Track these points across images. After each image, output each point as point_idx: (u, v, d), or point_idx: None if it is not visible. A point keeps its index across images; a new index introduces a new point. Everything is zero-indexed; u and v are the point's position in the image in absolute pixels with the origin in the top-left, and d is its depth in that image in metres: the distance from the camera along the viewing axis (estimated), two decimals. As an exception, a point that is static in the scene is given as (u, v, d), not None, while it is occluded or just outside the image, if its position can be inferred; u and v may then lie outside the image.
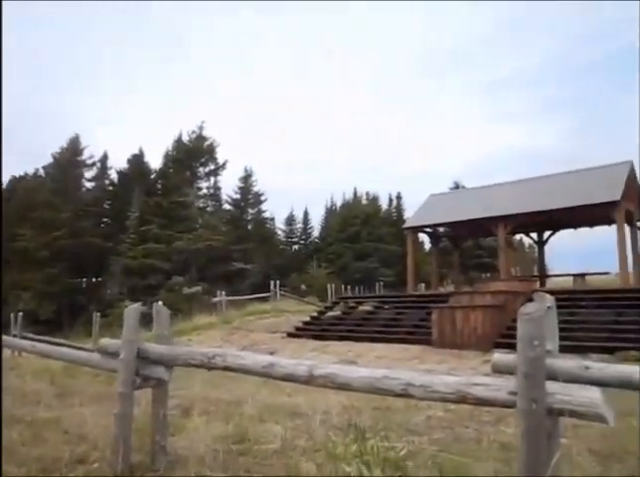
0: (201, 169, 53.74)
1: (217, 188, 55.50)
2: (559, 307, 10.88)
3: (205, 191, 55.08)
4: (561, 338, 10.29)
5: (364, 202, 64.15)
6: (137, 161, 52.54)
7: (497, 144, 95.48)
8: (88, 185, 51.42)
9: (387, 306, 19.11)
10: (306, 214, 62.38)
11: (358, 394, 4.52)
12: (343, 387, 2.99)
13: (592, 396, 2.26)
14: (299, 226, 62.58)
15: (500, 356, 2.65)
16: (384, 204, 65.29)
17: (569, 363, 2.42)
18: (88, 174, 51.45)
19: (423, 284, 31.15)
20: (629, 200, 18.48)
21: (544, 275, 25.26)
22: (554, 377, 2.35)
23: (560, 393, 2.32)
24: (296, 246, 62.21)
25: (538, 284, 22.45)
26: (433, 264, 25.66)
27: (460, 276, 30.05)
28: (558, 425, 2.46)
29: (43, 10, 73.70)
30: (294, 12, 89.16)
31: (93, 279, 48.74)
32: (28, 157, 73.95)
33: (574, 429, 5.01)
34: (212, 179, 54.84)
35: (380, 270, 51.55)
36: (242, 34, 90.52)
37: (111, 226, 49.40)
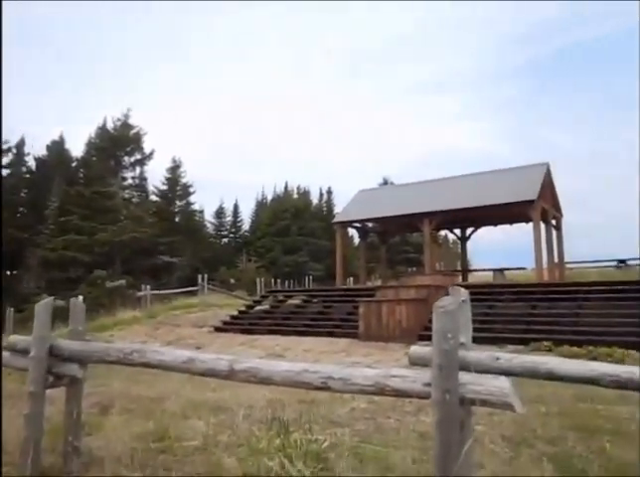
0: (126, 158, 51.83)
1: (143, 178, 53.72)
2: (479, 300, 11.45)
3: (130, 181, 53.18)
4: (481, 330, 10.82)
5: (295, 196, 64.22)
6: (57, 148, 49.95)
7: (427, 144, 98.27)
8: (3, 172, 48.39)
9: (315, 300, 19.24)
10: (236, 207, 61.68)
11: (284, 387, 4.54)
12: (265, 381, 2.97)
13: (502, 385, 2.37)
14: (229, 219, 61.77)
15: (416, 348, 2.72)
16: (314, 198, 65.67)
17: (481, 354, 2.52)
18: (3, 160, 48.38)
19: (352, 278, 31.61)
20: (545, 199, 19.56)
21: (466, 270, 26.29)
22: (466, 368, 2.44)
23: (473, 383, 2.41)
24: (225, 240, 61.39)
25: (460, 278, 23.35)
26: (361, 259, 26.08)
27: (387, 271, 30.73)
28: (470, 414, 2.55)
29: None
30: None
31: (8, 272, 45.98)
32: None
33: (489, 417, 5.26)
34: (138, 169, 53.02)
35: (309, 264, 51.83)
36: (177, 19, 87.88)
37: (28, 216, 46.74)
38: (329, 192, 65.99)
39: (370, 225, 25.26)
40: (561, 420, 5.29)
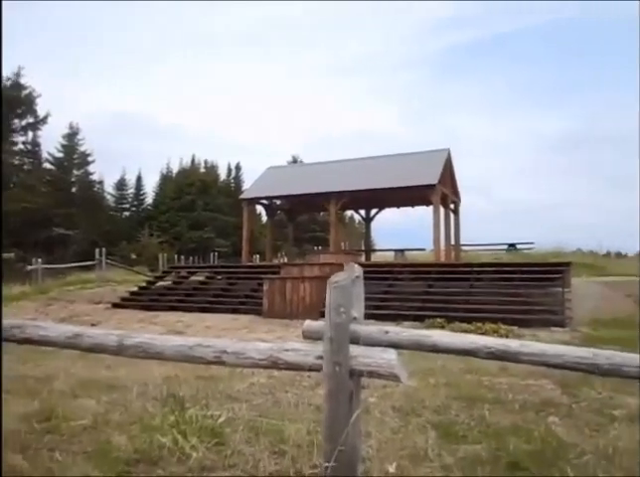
0: (16, 121, 47.87)
1: (36, 144, 49.95)
2: (380, 279, 11.81)
3: (21, 146, 49.28)
4: (381, 307, 11.19)
5: (202, 170, 62.56)
6: None
7: (338, 124, 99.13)
8: None
9: (219, 276, 19.02)
10: (139, 179, 59.10)
11: (183, 364, 4.44)
12: (156, 356, 2.90)
13: (389, 357, 2.46)
14: (131, 191, 59.13)
15: (310, 322, 2.76)
16: (222, 174, 64.37)
17: (372, 328, 2.60)
18: None
19: (258, 256, 31.53)
20: (445, 184, 20.48)
21: (369, 250, 27.08)
22: (357, 341, 2.51)
23: (363, 355, 2.49)
24: (127, 213, 58.76)
25: (363, 258, 24.01)
26: (268, 236, 26.06)
27: (294, 249, 30.98)
28: (359, 386, 2.64)
29: None
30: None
31: None
32: None
33: (383, 389, 5.49)
34: (30, 134, 49.19)
35: (215, 241, 51.00)
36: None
37: None
38: (237, 168, 65.00)
39: (278, 202, 25.23)
40: (448, 391, 5.62)
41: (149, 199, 59.78)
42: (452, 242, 22.77)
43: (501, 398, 5.25)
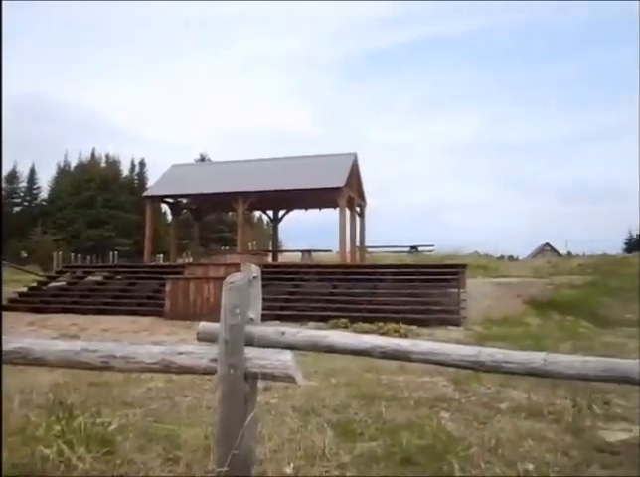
0: None
1: None
2: (286, 280, 11.80)
3: None
4: (286, 308, 11.17)
5: (103, 165, 59.59)
6: None
7: (251, 124, 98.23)
8: None
9: (119, 277, 18.21)
10: (33, 171, 55.30)
11: (75, 370, 4.17)
12: (38, 362, 2.70)
13: (285, 358, 2.45)
14: (23, 184, 55.17)
15: (205, 324, 2.69)
16: (125, 169, 61.69)
17: (268, 329, 2.58)
18: None
19: (162, 255, 30.53)
20: (351, 187, 20.92)
21: (277, 251, 27.06)
22: (253, 342, 2.48)
23: (258, 357, 2.46)
24: (18, 208, 54.79)
25: (271, 259, 23.96)
26: (172, 236, 25.32)
27: (200, 249, 30.31)
28: (255, 388, 2.60)
29: None
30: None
31: None
32: None
33: (284, 390, 5.48)
34: None
35: (116, 239, 48.80)
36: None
37: None
38: (142, 164, 62.58)
39: (183, 201, 24.58)
40: (348, 390, 5.72)
41: (44, 193, 56.12)
42: (358, 244, 23.30)
43: (398, 396, 5.42)
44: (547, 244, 53.98)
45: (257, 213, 40.56)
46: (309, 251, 23.75)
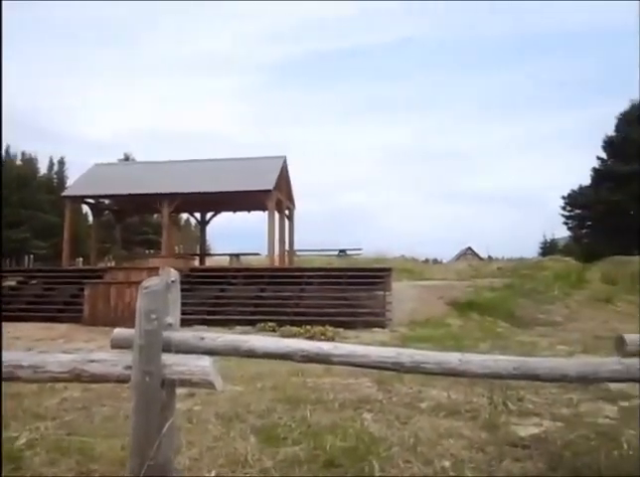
0: None
1: None
2: (213, 283, 11.55)
3: None
4: (213, 312, 10.93)
5: (18, 162, 56.28)
6: None
7: (179, 124, 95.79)
8: None
9: (34, 281, 17.24)
10: (-61, 169, 51.38)
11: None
12: None
13: (204, 364, 2.39)
14: None
15: (120, 330, 2.59)
16: (43, 167, 58.51)
17: (187, 334, 2.51)
18: None
19: (82, 259, 29.22)
20: (281, 190, 20.90)
21: (204, 254, 26.58)
22: (170, 349, 2.40)
23: (176, 364, 2.39)
24: None
25: (197, 262, 23.51)
26: (93, 238, 24.30)
27: (124, 252, 29.25)
28: (173, 395, 2.53)
29: None
30: None
31: None
32: None
33: (207, 396, 5.37)
34: None
35: (32, 242, 46.19)
36: None
37: None
38: (61, 162, 59.56)
39: (106, 202, 23.65)
40: (274, 394, 5.68)
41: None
42: (287, 247, 23.30)
43: (323, 398, 5.44)
44: (469, 248, 56.23)
45: (185, 215, 39.71)
46: (237, 255, 23.50)
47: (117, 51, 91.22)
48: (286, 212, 23.04)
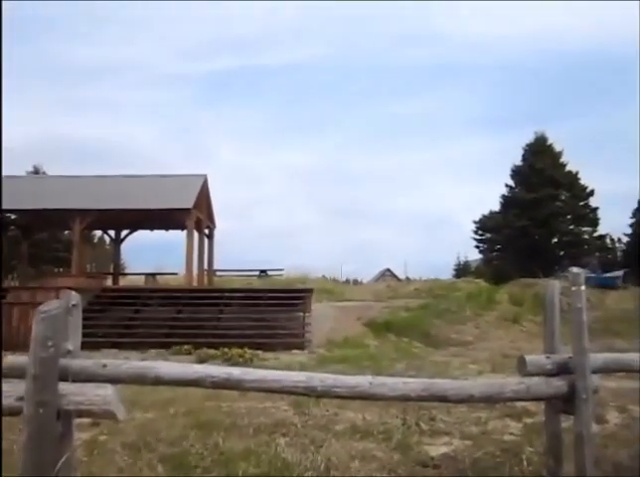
0: None
1: None
2: (126, 305, 11.02)
3: None
4: (125, 335, 10.42)
5: None
6: None
7: (92, 137, 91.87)
8: None
9: None
10: None
11: None
12: None
13: (105, 393, 2.26)
14: None
15: (12, 358, 2.40)
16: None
17: (87, 362, 2.37)
18: None
19: (-18, 278, 27.12)
20: (200, 209, 20.50)
21: (118, 273, 25.50)
22: (68, 377, 2.26)
23: (74, 393, 2.24)
24: None
25: (110, 281, 22.51)
26: (-4, 255, 22.67)
27: (30, 270, 27.49)
28: (70, 427, 2.37)
29: None
30: None
31: None
32: None
33: (115, 424, 5.09)
34: None
35: None
36: None
37: None
38: (-38, 174, 55.55)
39: (12, 216, 22.21)
40: (187, 420, 5.49)
41: None
42: (206, 267, 22.83)
43: (238, 423, 5.32)
44: (388, 270, 57.63)
45: (99, 232, 37.99)
46: (153, 274, 22.75)
47: (28, 50, 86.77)
48: (206, 231, 22.61)
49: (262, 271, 30.63)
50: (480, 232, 40.83)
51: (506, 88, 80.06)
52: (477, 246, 41.76)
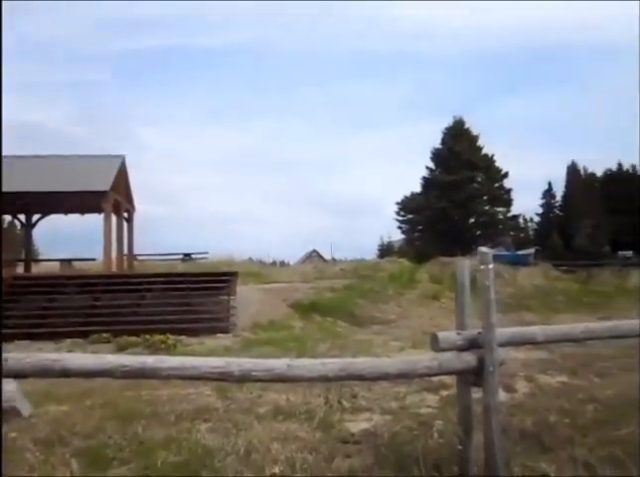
0: None
1: None
2: (39, 293, 10.48)
3: None
4: (38, 325, 9.92)
5: None
6: None
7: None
8: None
9: None
10: None
11: None
12: None
13: (7, 389, 2.14)
14: None
15: None
16: None
17: (-15, 357, 2.22)
18: None
19: None
20: (119, 191, 19.66)
21: (30, 259, 24.11)
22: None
23: (-28, 391, 2.10)
24: None
25: (22, 269, 21.30)
26: None
27: None
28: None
29: None
30: None
31: None
32: None
33: (27, 420, 4.84)
34: None
35: None
36: None
37: None
38: None
39: None
40: (105, 411, 5.32)
41: None
42: (126, 252, 22.05)
43: (158, 412, 5.22)
44: (314, 251, 58.06)
45: (9, 216, 35.66)
46: (69, 260, 21.74)
47: None
48: (125, 214, 21.78)
49: (186, 255, 30.02)
50: (402, 213, 41.98)
51: (429, 76, 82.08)
52: (400, 227, 42.96)
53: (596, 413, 4.75)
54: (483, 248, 3.28)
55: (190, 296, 14.14)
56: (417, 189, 41.09)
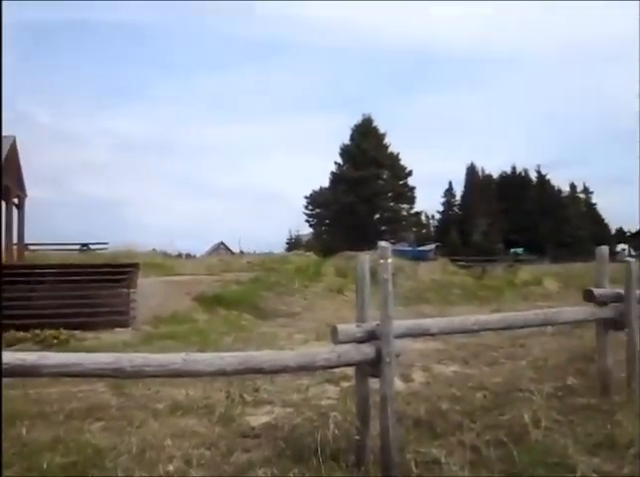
0: None
1: None
2: None
3: None
4: None
5: None
6: None
7: None
8: None
9: None
10: None
11: None
12: None
13: None
14: None
15: None
16: None
17: None
18: None
19: None
20: (8, 175, 18.22)
21: None
22: None
23: None
24: None
25: None
26: None
27: None
28: None
29: None
30: None
31: None
32: None
33: None
34: None
35: None
36: None
37: None
38: None
39: None
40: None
41: None
42: (16, 241, 20.52)
43: (46, 411, 4.90)
44: (222, 243, 57.17)
45: None
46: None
47: None
48: (15, 200, 20.25)
49: (84, 245, 28.44)
50: (310, 207, 42.40)
51: (344, 71, 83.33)
52: (308, 221, 43.37)
53: (484, 400, 5.06)
54: (382, 243, 3.36)
55: (87, 289, 13.38)
56: (326, 183, 41.69)
